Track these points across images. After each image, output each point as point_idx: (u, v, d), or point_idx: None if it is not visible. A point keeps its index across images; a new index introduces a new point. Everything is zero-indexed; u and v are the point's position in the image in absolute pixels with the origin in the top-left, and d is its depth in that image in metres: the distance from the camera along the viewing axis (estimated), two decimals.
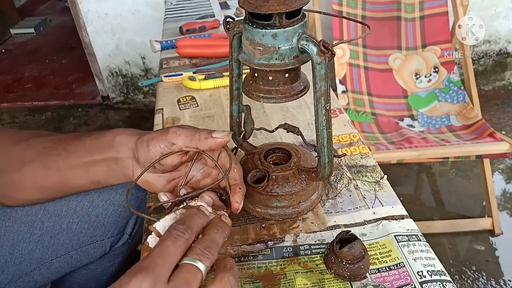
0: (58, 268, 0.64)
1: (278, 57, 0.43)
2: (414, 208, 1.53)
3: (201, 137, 0.46)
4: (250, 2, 0.41)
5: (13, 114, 2.36)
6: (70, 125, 2.24)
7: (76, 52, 2.73)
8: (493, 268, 1.31)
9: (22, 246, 0.61)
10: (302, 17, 0.43)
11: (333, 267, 0.45)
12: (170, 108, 0.81)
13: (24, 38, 3.26)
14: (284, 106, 0.78)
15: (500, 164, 1.70)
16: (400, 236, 0.49)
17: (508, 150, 1.22)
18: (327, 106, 0.44)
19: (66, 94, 2.47)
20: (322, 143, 0.47)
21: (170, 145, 0.46)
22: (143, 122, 2.18)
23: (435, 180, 1.68)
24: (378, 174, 0.60)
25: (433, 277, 0.44)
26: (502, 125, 1.92)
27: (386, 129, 1.43)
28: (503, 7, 1.93)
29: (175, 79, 0.91)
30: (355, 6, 1.52)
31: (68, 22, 2.96)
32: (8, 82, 2.65)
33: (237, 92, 0.54)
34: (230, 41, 0.49)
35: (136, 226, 0.69)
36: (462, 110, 1.45)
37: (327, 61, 0.41)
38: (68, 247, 0.63)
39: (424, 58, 1.52)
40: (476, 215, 1.49)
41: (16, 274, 0.61)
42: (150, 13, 1.96)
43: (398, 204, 0.54)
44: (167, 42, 1.08)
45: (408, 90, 1.52)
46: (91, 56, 2.15)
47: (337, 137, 0.68)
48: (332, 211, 0.54)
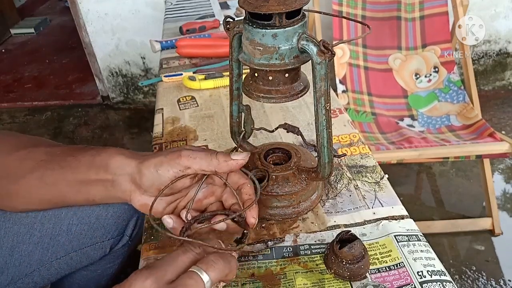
0: (58, 270, 0.63)
1: (278, 57, 0.43)
2: (414, 208, 1.53)
3: (220, 160, 0.45)
4: (250, 2, 0.41)
5: (13, 114, 2.36)
6: (70, 125, 2.24)
7: (76, 52, 2.73)
8: (493, 268, 1.31)
9: (22, 248, 0.60)
10: (302, 17, 0.43)
11: (333, 267, 0.45)
12: (170, 108, 0.81)
13: (24, 38, 3.26)
14: (284, 106, 0.78)
15: (500, 164, 1.70)
16: (400, 236, 0.49)
17: (508, 150, 1.22)
18: (327, 106, 0.44)
19: (66, 94, 2.47)
20: (322, 143, 0.47)
21: (184, 169, 0.44)
22: (143, 122, 2.18)
23: (435, 180, 1.68)
24: (378, 174, 0.60)
25: (433, 277, 0.44)
26: (502, 125, 1.92)
27: (386, 129, 1.43)
28: (503, 7, 1.92)
29: (175, 79, 0.91)
30: (355, 6, 1.52)
31: (68, 22, 2.96)
32: (8, 82, 2.65)
33: (237, 92, 0.54)
34: (230, 41, 0.49)
35: (136, 228, 0.69)
36: (462, 110, 1.45)
37: (327, 61, 0.41)
38: (68, 249, 0.63)
39: (424, 58, 1.52)
40: (476, 215, 1.49)
41: (15, 275, 0.61)
42: (150, 13, 1.96)
43: (398, 204, 0.54)
44: (167, 42, 1.08)
45: (408, 90, 1.52)
46: (91, 56, 2.15)
47: (337, 137, 0.68)
48: (332, 211, 0.54)
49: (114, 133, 2.16)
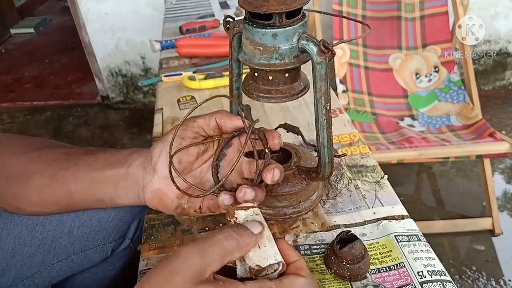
0: (59, 272, 0.63)
1: (278, 56, 0.42)
2: (414, 208, 1.53)
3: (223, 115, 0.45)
4: (250, 2, 0.41)
5: (13, 114, 2.36)
6: (70, 125, 2.24)
7: (76, 52, 2.72)
8: (493, 268, 1.31)
9: (24, 250, 0.60)
10: (302, 17, 0.42)
11: (333, 267, 0.45)
12: (170, 108, 0.81)
13: (24, 38, 3.26)
14: (284, 106, 0.78)
15: (500, 164, 1.70)
16: (400, 236, 0.49)
17: (508, 150, 1.22)
18: (327, 106, 0.44)
19: (66, 94, 2.47)
20: (322, 143, 0.47)
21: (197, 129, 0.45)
22: (143, 122, 2.18)
23: (435, 180, 1.68)
24: (378, 174, 0.60)
25: (433, 277, 0.44)
26: (502, 125, 1.91)
27: (386, 129, 1.43)
28: (503, 7, 1.92)
29: (175, 79, 0.91)
30: (355, 6, 1.52)
31: (68, 22, 2.95)
32: (8, 82, 2.65)
33: (237, 92, 0.54)
34: (230, 41, 0.49)
35: (137, 231, 0.69)
36: (463, 110, 1.45)
37: (327, 60, 0.41)
38: (69, 251, 0.63)
39: (424, 57, 1.52)
40: (476, 215, 1.49)
41: (17, 277, 0.61)
42: (150, 13, 1.96)
43: (399, 204, 0.54)
44: (167, 42, 1.07)
45: (408, 90, 1.52)
46: (91, 56, 2.14)
47: (337, 137, 0.68)
48: (332, 211, 0.54)
49: (114, 133, 2.16)
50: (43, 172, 0.48)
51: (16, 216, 0.60)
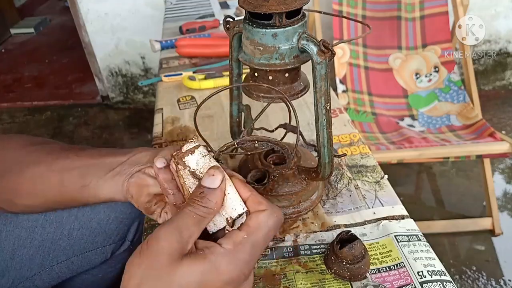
0: (59, 274, 0.63)
1: (278, 56, 0.42)
2: (414, 208, 1.53)
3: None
4: (250, 2, 0.41)
5: (13, 114, 2.36)
6: (70, 125, 2.24)
7: (76, 52, 2.72)
8: (493, 268, 1.31)
9: (23, 251, 0.60)
10: (302, 17, 0.42)
11: (333, 267, 0.45)
12: (170, 107, 0.81)
13: (24, 38, 3.26)
14: (284, 106, 0.78)
15: (500, 164, 1.70)
16: (400, 236, 0.49)
17: (508, 150, 1.22)
18: (327, 106, 0.44)
19: (66, 94, 2.47)
20: (322, 143, 0.47)
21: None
22: (143, 122, 2.17)
23: (435, 180, 1.68)
24: (378, 174, 0.60)
25: (433, 277, 0.44)
26: (502, 125, 1.91)
27: (386, 129, 1.43)
28: (503, 7, 1.92)
29: (175, 78, 0.91)
30: (355, 6, 1.52)
31: (68, 22, 2.95)
32: (8, 82, 2.65)
33: (237, 92, 0.54)
34: (230, 41, 0.49)
35: (138, 233, 0.69)
36: (463, 110, 1.45)
37: (327, 60, 0.41)
38: (69, 253, 0.62)
39: (424, 57, 1.52)
40: (476, 215, 1.49)
41: (16, 279, 0.60)
42: (150, 13, 1.96)
43: (399, 204, 0.54)
44: (167, 42, 1.07)
45: (409, 90, 1.52)
46: (91, 56, 2.14)
47: (337, 137, 0.68)
48: (332, 211, 0.54)
49: (114, 133, 2.16)
50: (41, 162, 0.49)
51: (15, 217, 0.60)
